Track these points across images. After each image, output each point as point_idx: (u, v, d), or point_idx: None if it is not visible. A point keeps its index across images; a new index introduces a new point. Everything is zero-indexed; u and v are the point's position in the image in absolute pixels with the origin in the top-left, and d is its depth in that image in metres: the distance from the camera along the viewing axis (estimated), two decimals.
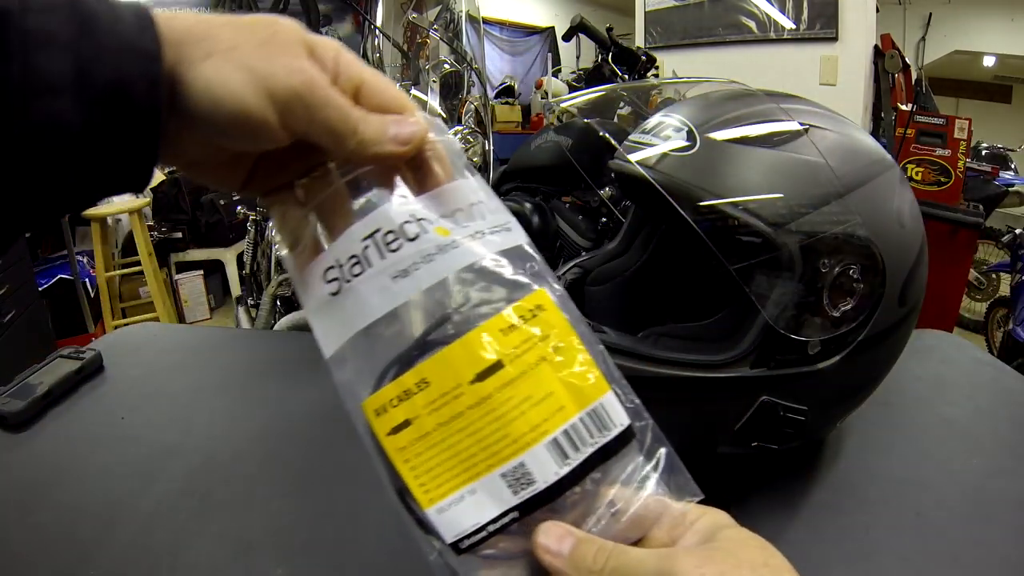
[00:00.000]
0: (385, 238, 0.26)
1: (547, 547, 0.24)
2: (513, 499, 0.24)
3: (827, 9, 2.51)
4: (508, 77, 5.23)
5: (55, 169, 0.22)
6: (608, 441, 0.25)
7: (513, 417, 0.25)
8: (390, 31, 1.19)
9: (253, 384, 0.76)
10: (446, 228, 0.26)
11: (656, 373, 0.46)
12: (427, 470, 0.25)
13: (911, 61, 3.58)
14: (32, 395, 0.67)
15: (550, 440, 0.25)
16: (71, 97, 0.21)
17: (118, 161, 0.23)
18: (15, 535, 0.51)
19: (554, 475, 0.24)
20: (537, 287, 0.26)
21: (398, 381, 0.26)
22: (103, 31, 0.22)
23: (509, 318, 0.25)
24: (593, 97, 0.70)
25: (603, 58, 1.66)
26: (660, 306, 0.64)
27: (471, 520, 0.25)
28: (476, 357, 0.25)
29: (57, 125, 0.21)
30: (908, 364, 0.71)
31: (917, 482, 0.54)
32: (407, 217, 0.26)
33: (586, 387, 0.25)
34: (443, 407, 0.25)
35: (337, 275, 0.26)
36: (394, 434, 0.26)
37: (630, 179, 0.53)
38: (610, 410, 0.25)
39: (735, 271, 0.44)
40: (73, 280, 2.61)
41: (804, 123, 0.49)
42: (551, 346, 0.25)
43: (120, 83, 0.22)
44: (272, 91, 0.24)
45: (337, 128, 0.25)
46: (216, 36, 0.24)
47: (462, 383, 0.25)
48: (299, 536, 0.50)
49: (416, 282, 0.25)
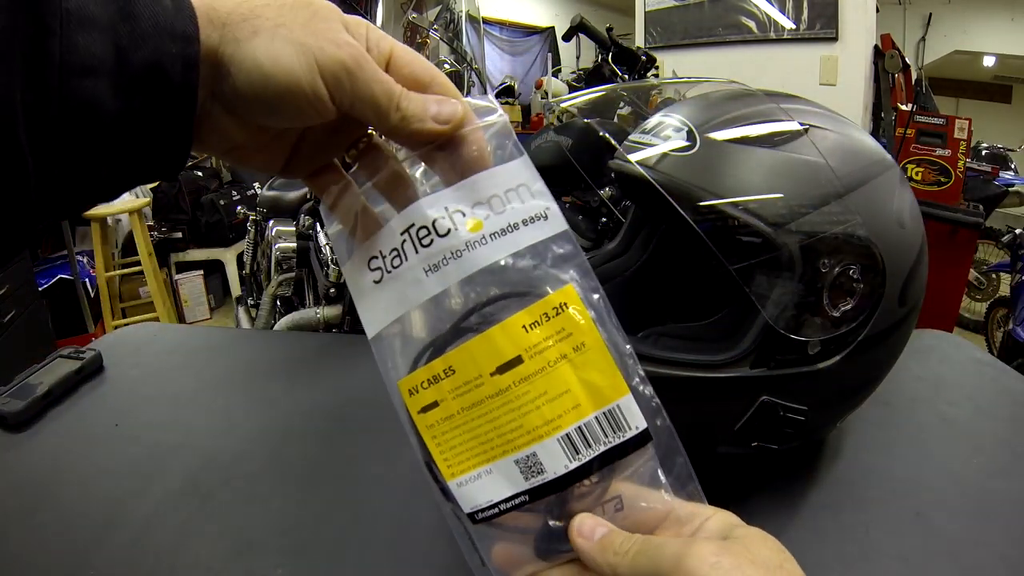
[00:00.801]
0: (419, 233, 0.27)
1: (580, 531, 0.26)
2: (524, 484, 0.27)
3: (827, 9, 2.51)
4: (508, 77, 5.23)
5: (90, 151, 0.22)
6: (622, 442, 0.26)
7: (528, 411, 0.26)
8: (390, 31, 1.19)
9: (253, 384, 0.76)
10: (479, 220, 0.27)
11: (656, 373, 0.46)
12: (451, 447, 0.28)
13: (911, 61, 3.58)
14: (32, 395, 0.67)
15: (562, 435, 0.26)
16: (109, 79, 0.21)
17: (153, 144, 0.24)
18: (15, 535, 0.50)
19: (564, 468, 0.26)
20: (564, 284, 0.27)
21: (429, 366, 0.28)
22: (141, 14, 0.22)
23: (533, 314, 0.27)
24: (593, 97, 0.70)
25: (603, 58, 1.66)
26: (660, 306, 0.64)
27: (486, 497, 0.27)
28: (496, 350, 0.26)
29: (93, 106, 0.21)
30: (908, 364, 0.71)
31: (917, 482, 0.54)
32: (440, 212, 0.27)
33: (604, 387, 0.26)
34: (466, 394, 0.27)
35: (380, 265, 0.28)
36: (424, 413, 0.28)
37: (630, 179, 0.53)
38: (627, 412, 0.26)
39: (735, 271, 0.44)
40: (73, 280, 2.61)
41: (804, 123, 0.49)
42: (573, 345, 0.26)
43: (157, 65, 0.22)
44: (322, 64, 0.24)
45: (381, 102, 0.25)
46: (260, 15, 0.24)
47: (483, 374, 0.27)
48: (299, 536, 0.50)
49: (445, 277, 0.27)
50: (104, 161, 0.23)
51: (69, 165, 0.22)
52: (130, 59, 0.22)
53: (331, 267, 1.30)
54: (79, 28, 0.21)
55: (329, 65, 0.24)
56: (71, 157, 0.22)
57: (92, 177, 0.23)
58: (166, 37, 0.22)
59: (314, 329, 1.31)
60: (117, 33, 0.22)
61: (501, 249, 0.27)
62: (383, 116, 0.26)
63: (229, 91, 0.24)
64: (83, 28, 0.21)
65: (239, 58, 0.24)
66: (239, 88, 0.24)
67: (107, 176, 0.24)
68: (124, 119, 0.22)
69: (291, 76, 0.24)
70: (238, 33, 0.24)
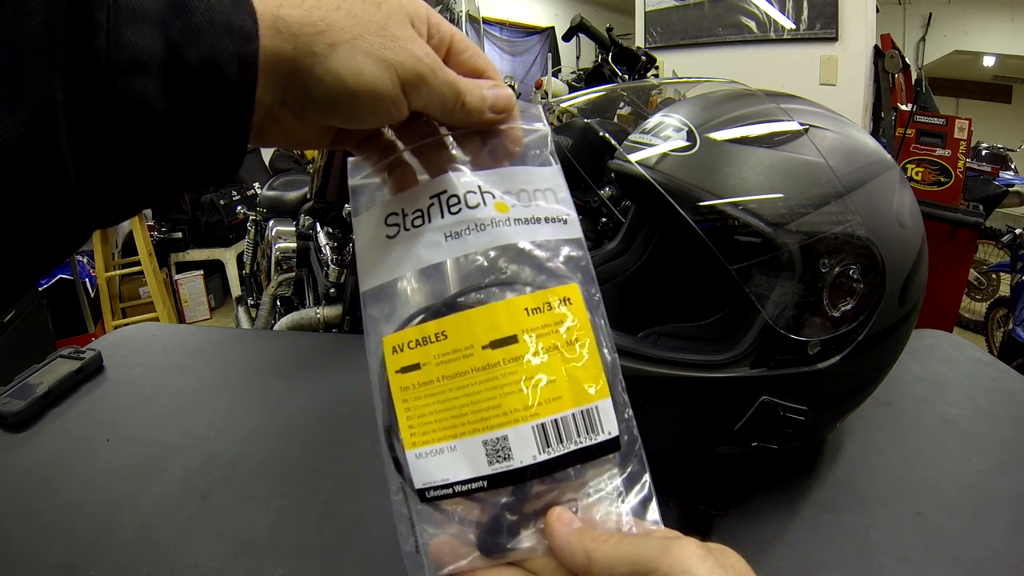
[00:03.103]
0: (449, 200, 0.28)
1: (560, 517, 0.26)
2: (487, 469, 0.26)
3: (827, 9, 2.51)
4: (508, 77, 5.21)
5: (137, 155, 0.21)
6: (592, 444, 0.26)
7: (510, 391, 0.26)
8: None
9: (253, 384, 0.76)
10: (506, 204, 0.28)
11: (656, 373, 0.46)
12: (419, 415, 0.27)
13: (911, 61, 3.58)
14: (32, 395, 0.67)
15: (538, 424, 0.26)
16: (159, 77, 0.20)
17: (206, 148, 0.22)
18: (15, 535, 0.50)
19: (531, 458, 0.26)
20: (572, 281, 0.27)
21: (421, 327, 0.27)
22: (196, 7, 0.21)
23: (537, 300, 0.27)
24: (593, 97, 0.70)
25: (603, 58, 1.66)
26: (660, 306, 0.64)
27: (443, 474, 0.26)
28: (495, 325, 0.26)
29: (142, 107, 0.20)
30: (908, 364, 0.71)
31: (917, 482, 0.54)
32: (473, 187, 0.28)
33: (588, 387, 0.26)
34: (452, 362, 0.27)
35: (398, 222, 0.29)
36: (402, 373, 0.27)
37: (630, 179, 0.53)
38: (603, 416, 0.26)
39: (735, 271, 0.44)
40: (73, 280, 2.61)
41: (804, 123, 0.49)
42: (567, 339, 0.26)
43: (212, 62, 0.21)
44: (403, 77, 0.25)
45: (449, 102, 0.27)
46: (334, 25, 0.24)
47: (475, 345, 0.26)
48: (299, 536, 0.50)
49: (464, 245, 0.27)
50: (153, 166, 0.21)
51: (115, 171, 0.21)
52: (183, 55, 0.20)
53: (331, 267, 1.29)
54: (128, 22, 0.19)
55: (409, 77, 0.25)
56: (117, 162, 0.21)
57: (140, 183, 0.22)
58: (222, 33, 0.21)
59: (314, 329, 1.31)
60: (169, 28, 0.20)
61: (522, 235, 0.27)
62: (448, 113, 0.27)
63: (304, 99, 0.24)
64: (133, 22, 0.19)
65: (319, 72, 0.24)
66: (317, 99, 0.24)
67: (156, 182, 0.22)
68: (175, 121, 0.21)
69: (375, 90, 0.24)
70: (315, 47, 0.23)
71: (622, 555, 0.24)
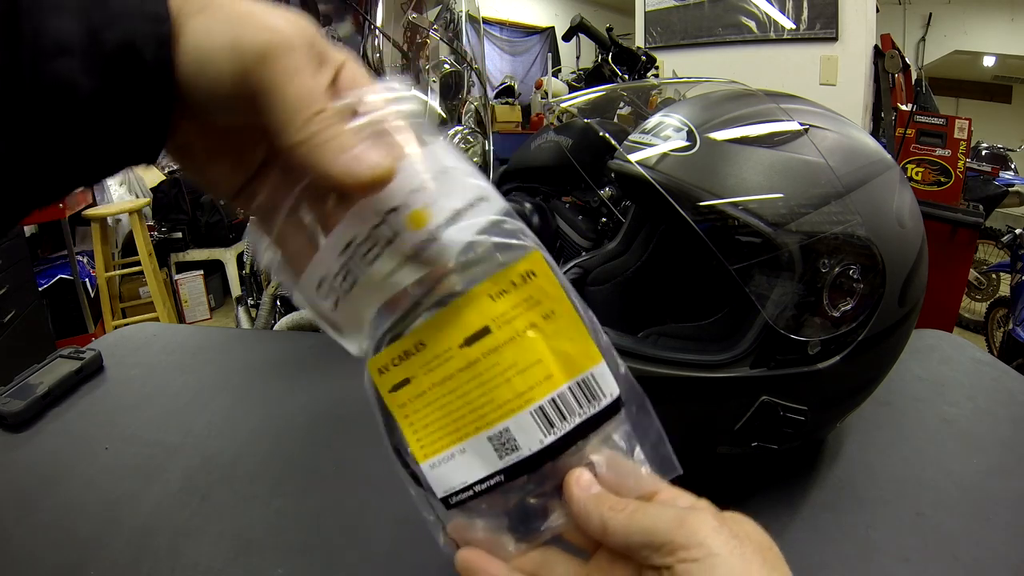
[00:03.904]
0: (361, 249, 0.24)
1: (579, 481, 0.25)
2: (499, 463, 0.25)
3: (827, 9, 2.51)
4: (508, 77, 5.23)
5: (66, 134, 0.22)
6: (597, 411, 0.25)
7: (498, 383, 0.25)
8: (390, 31, 1.19)
9: (253, 384, 0.76)
10: (421, 215, 0.23)
11: (656, 373, 0.46)
12: (423, 426, 0.27)
13: (911, 61, 3.58)
14: (32, 395, 0.67)
15: (535, 408, 0.25)
16: (81, 58, 0.21)
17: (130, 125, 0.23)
18: (15, 535, 0.50)
19: (539, 443, 0.25)
20: (531, 250, 0.26)
21: (399, 343, 0.27)
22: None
23: (497, 284, 0.25)
24: (593, 97, 0.70)
25: (603, 58, 1.66)
26: (660, 306, 0.64)
27: (460, 478, 0.26)
28: (464, 322, 0.26)
29: (68, 86, 0.21)
30: (908, 364, 0.71)
31: (917, 482, 0.54)
32: (377, 219, 0.23)
33: (577, 356, 0.25)
34: (437, 368, 0.26)
35: (329, 288, 0.25)
36: (395, 391, 0.27)
37: (630, 179, 0.53)
38: (601, 380, 0.25)
39: (735, 271, 0.44)
40: (73, 280, 2.61)
41: (804, 123, 0.49)
42: (542, 313, 0.25)
43: (130, 44, 0.22)
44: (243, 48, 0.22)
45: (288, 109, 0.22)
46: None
47: (452, 347, 0.26)
48: (299, 536, 0.50)
49: (404, 277, 0.24)
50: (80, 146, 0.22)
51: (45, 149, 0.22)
52: (102, 38, 0.21)
53: None
54: (50, 10, 0.21)
55: (249, 50, 0.22)
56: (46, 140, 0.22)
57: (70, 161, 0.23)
58: (137, 18, 0.22)
59: (314, 329, 1.31)
60: (88, 16, 0.21)
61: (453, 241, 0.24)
62: (282, 130, 0.22)
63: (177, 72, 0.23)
64: (54, 9, 0.21)
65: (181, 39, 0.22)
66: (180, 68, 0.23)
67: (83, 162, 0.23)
68: (99, 99, 0.22)
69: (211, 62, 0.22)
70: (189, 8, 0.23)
71: (637, 526, 0.24)
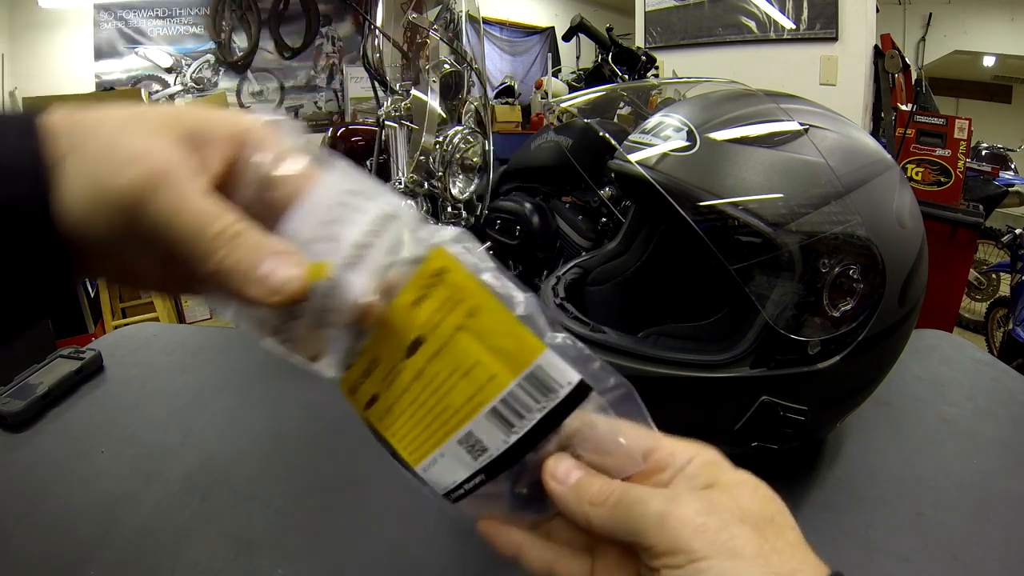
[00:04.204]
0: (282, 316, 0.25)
1: (555, 473, 0.25)
2: (475, 464, 0.25)
3: (827, 9, 2.51)
4: (508, 77, 5.23)
5: None
6: (559, 402, 0.24)
7: (448, 389, 0.25)
8: (390, 31, 1.19)
9: (253, 384, 0.76)
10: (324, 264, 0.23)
11: (656, 373, 0.46)
12: (404, 435, 0.27)
13: (911, 61, 3.58)
14: (32, 395, 0.67)
15: (488, 411, 0.24)
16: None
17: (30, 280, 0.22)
18: (15, 535, 0.50)
19: (503, 443, 0.25)
20: (433, 247, 0.24)
21: (359, 361, 0.27)
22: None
23: (412, 291, 0.25)
24: (593, 97, 0.70)
25: (603, 58, 1.66)
26: (660, 306, 0.64)
27: (450, 478, 0.26)
28: (400, 335, 0.25)
29: None
30: (908, 364, 0.71)
31: (917, 482, 0.54)
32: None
33: (516, 351, 0.24)
34: (394, 382, 0.26)
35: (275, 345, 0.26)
36: (369, 408, 0.27)
37: (630, 179, 0.53)
38: (552, 371, 0.23)
39: (735, 271, 0.44)
40: None
41: (804, 123, 0.49)
42: (465, 312, 0.24)
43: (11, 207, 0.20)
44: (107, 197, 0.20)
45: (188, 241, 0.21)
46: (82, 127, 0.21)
47: (398, 360, 0.26)
48: (299, 536, 0.50)
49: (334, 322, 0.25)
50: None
51: None
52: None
53: None
54: None
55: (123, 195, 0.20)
56: None
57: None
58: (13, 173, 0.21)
59: None
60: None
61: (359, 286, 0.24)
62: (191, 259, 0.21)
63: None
64: None
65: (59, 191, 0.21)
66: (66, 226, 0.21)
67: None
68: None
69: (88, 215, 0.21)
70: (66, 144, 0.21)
71: (620, 522, 0.23)
